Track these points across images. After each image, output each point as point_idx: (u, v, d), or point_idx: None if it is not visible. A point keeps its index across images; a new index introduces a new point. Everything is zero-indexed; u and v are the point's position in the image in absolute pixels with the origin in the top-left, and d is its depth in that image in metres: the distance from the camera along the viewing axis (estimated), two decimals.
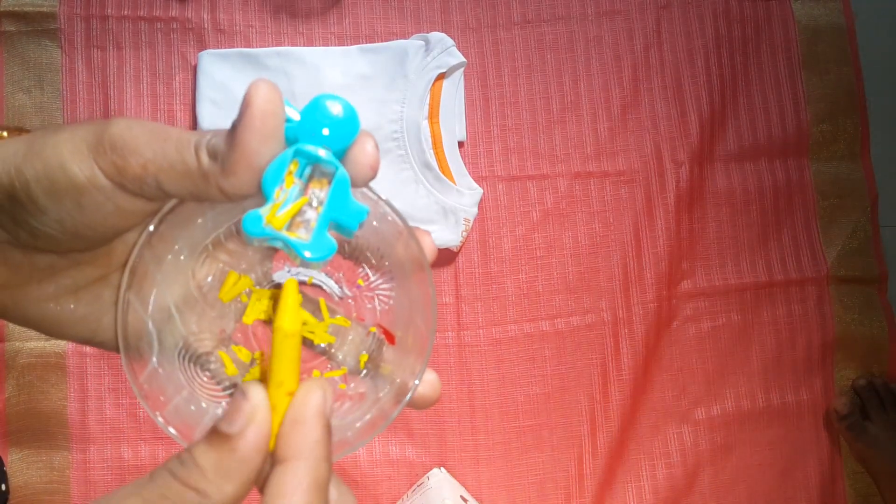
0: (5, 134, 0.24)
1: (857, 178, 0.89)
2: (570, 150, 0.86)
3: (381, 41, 0.82)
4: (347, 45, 0.83)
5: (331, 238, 0.23)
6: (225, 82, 0.80)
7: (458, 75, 0.82)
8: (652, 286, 0.85)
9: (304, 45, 0.83)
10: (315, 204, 0.23)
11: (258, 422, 0.20)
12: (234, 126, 0.21)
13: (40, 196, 0.22)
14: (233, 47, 0.82)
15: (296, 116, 0.23)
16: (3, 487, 0.75)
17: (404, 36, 0.84)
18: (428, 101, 0.79)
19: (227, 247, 0.27)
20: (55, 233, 0.23)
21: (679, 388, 0.85)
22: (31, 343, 0.78)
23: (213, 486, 0.19)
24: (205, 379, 0.27)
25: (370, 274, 0.29)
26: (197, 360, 0.27)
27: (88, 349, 0.79)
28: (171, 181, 0.22)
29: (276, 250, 0.28)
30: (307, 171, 0.23)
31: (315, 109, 0.23)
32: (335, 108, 0.23)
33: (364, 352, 0.28)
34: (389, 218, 0.26)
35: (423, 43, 0.80)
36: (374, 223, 0.26)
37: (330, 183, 0.23)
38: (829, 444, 0.86)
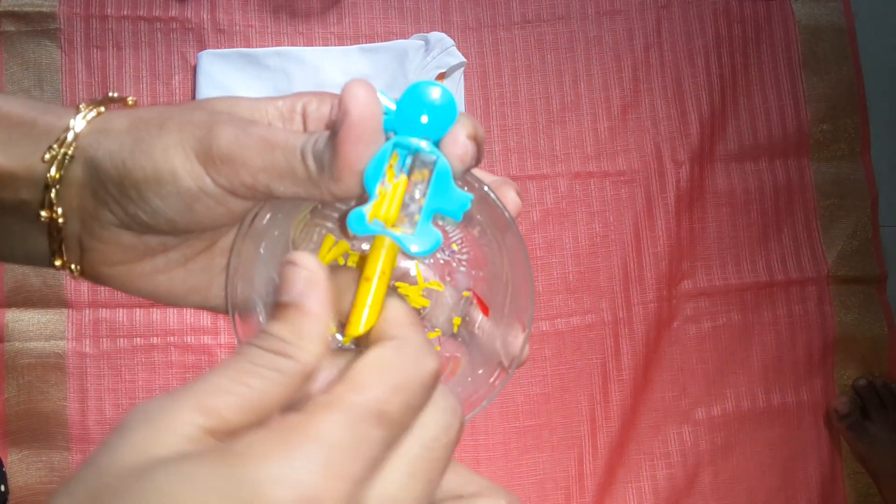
0: (102, 109, 0.24)
1: (858, 177, 0.89)
2: (570, 150, 0.86)
3: (381, 41, 0.82)
4: (347, 45, 0.83)
5: (435, 230, 0.23)
6: (225, 82, 0.80)
7: (458, 75, 0.82)
8: (652, 286, 0.85)
9: (304, 45, 0.83)
10: (417, 196, 0.23)
11: (316, 282, 0.21)
12: (335, 133, 0.22)
13: (151, 197, 0.23)
14: (233, 47, 0.82)
15: (392, 106, 0.23)
16: (3, 488, 0.75)
17: (404, 36, 0.84)
18: None
19: (323, 212, 0.27)
20: (166, 227, 0.24)
21: (679, 387, 0.85)
22: (31, 343, 0.78)
23: (297, 348, 0.20)
24: None
25: (463, 238, 0.29)
26: None
27: (88, 349, 0.79)
28: (282, 188, 0.23)
29: None
30: (408, 161, 0.23)
31: (412, 97, 0.23)
32: (433, 95, 0.22)
33: (457, 315, 0.28)
34: (484, 188, 0.26)
35: (423, 43, 0.80)
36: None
37: (431, 173, 0.23)
38: (829, 444, 0.86)
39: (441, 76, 0.80)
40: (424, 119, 0.23)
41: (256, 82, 0.80)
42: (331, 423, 0.18)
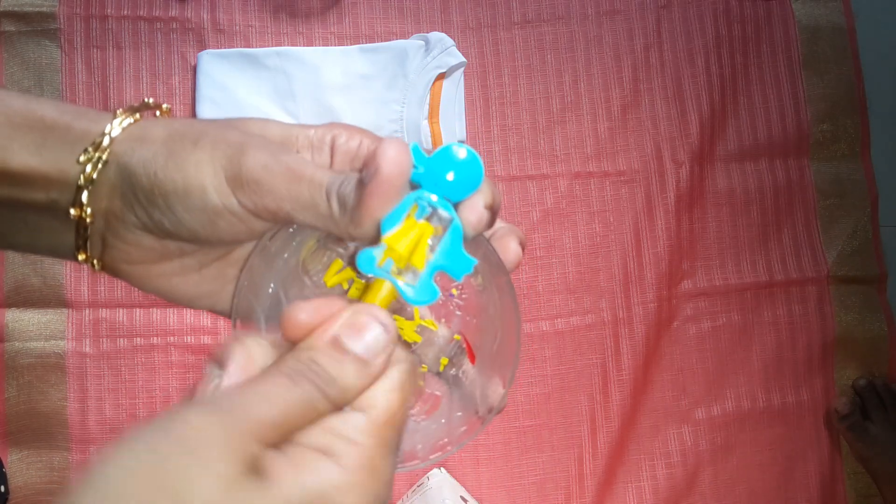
0: (138, 116, 0.26)
1: (858, 177, 0.89)
2: (570, 150, 0.86)
3: (381, 41, 0.82)
4: (347, 45, 0.83)
5: (434, 286, 0.24)
6: (225, 82, 0.80)
7: (458, 75, 0.82)
8: (652, 286, 0.85)
9: (303, 45, 0.83)
10: (426, 250, 0.24)
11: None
12: (363, 184, 0.23)
13: (177, 208, 0.24)
14: (232, 47, 0.82)
15: (424, 160, 0.24)
16: (3, 489, 0.75)
17: (404, 36, 0.84)
18: (428, 101, 0.79)
19: (335, 238, 0.28)
20: (186, 236, 0.25)
21: (679, 388, 0.85)
22: (31, 343, 0.78)
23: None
24: None
25: (463, 285, 0.30)
26: None
27: (88, 349, 0.79)
28: (303, 219, 0.24)
29: None
30: (426, 213, 0.24)
31: (443, 157, 0.24)
32: (463, 159, 0.24)
33: (445, 356, 0.30)
34: (489, 246, 0.27)
35: (423, 43, 0.80)
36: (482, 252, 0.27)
37: (444, 231, 0.24)
38: (829, 444, 0.86)
39: (441, 76, 0.80)
40: (450, 177, 0.24)
41: (256, 82, 0.80)
42: None
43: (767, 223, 0.88)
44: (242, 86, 0.80)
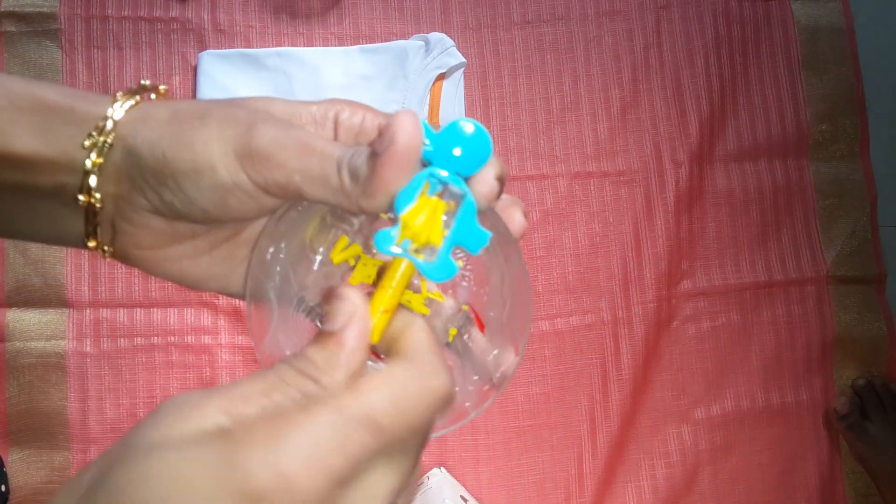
0: (138, 98, 0.26)
1: (857, 178, 0.89)
2: (570, 150, 0.86)
3: (381, 41, 0.83)
4: (348, 46, 0.83)
5: (453, 261, 0.25)
6: (225, 83, 0.80)
7: (458, 76, 0.82)
8: (652, 286, 0.85)
9: (304, 46, 0.84)
10: (442, 226, 0.24)
11: (359, 317, 0.22)
12: (377, 156, 0.23)
13: (188, 188, 0.24)
14: (233, 48, 0.82)
15: (431, 135, 0.25)
16: (3, 488, 0.76)
17: (404, 36, 0.84)
18: (428, 102, 0.79)
19: (340, 214, 0.29)
20: (198, 216, 0.25)
21: (679, 387, 0.85)
22: (31, 343, 0.78)
23: (325, 375, 0.21)
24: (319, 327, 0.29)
25: (470, 256, 0.30)
26: (310, 312, 0.29)
27: (89, 349, 0.79)
28: (313, 192, 0.24)
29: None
30: (438, 189, 0.24)
31: (452, 133, 0.24)
32: (472, 134, 0.24)
33: (453, 326, 0.30)
34: (498, 219, 0.28)
35: (422, 43, 0.80)
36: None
37: (458, 205, 0.24)
38: (829, 444, 0.86)
39: (441, 77, 0.80)
40: (457, 152, 0.24)
41: (257, 83, 0.81)
42: (322, 419, 0.19)
43: (767, 223, 0.88)
44: (243, 86, 0.80)
